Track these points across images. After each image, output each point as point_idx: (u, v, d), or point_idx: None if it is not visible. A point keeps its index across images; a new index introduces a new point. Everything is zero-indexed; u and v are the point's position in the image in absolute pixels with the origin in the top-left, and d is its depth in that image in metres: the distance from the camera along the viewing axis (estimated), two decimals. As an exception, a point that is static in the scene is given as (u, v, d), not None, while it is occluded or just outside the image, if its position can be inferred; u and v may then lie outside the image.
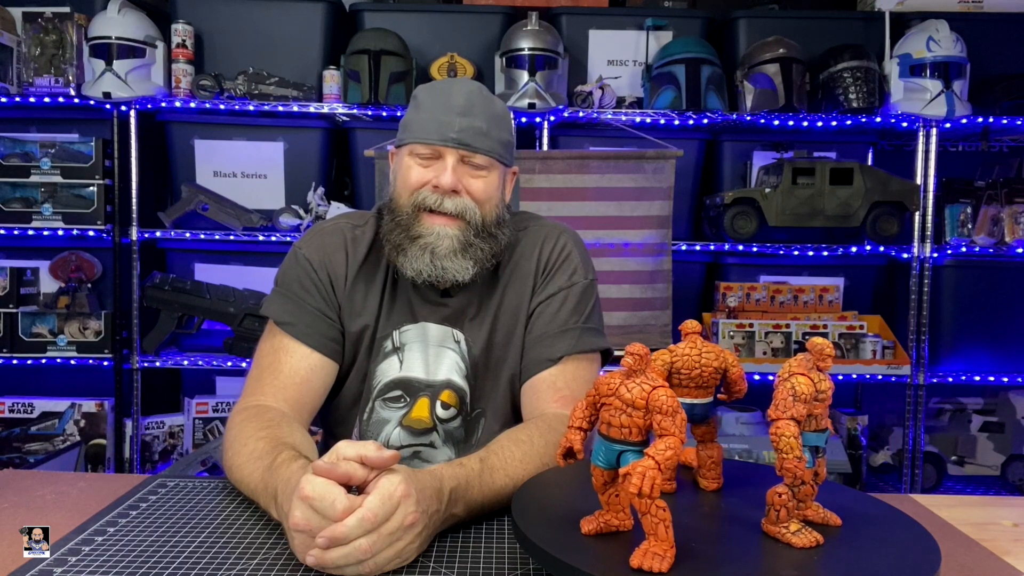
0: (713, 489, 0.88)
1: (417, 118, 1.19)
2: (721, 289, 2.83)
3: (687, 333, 0.88)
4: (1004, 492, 2.86)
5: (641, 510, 0.68)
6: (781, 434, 0.71)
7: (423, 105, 1.20)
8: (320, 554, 0.76)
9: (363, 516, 0.76)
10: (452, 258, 1.17)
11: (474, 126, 1.17)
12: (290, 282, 1.24)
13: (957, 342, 2.84)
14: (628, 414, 0.72)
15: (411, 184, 1.19)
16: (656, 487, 0.66)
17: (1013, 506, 1.10)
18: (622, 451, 0.73)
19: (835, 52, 2.73)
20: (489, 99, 1.22)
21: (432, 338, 1.24)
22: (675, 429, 0.69)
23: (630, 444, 0.72)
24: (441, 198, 1.17)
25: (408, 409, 1.23)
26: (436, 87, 1.22)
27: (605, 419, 0.74)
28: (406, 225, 1.19)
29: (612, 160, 2.65)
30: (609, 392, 0.73)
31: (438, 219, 1.18)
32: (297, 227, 2.72)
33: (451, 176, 1.16)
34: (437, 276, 1.18)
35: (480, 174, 1.20)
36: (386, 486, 0.79)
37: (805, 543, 0.73)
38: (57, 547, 0.84)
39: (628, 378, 0.73)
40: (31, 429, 2.72)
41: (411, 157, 1.20)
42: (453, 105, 1.17)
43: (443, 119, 1.16)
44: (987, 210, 2.76)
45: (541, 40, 2.69)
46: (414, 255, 1.17)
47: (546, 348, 1.21)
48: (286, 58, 2.80)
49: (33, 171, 2.64)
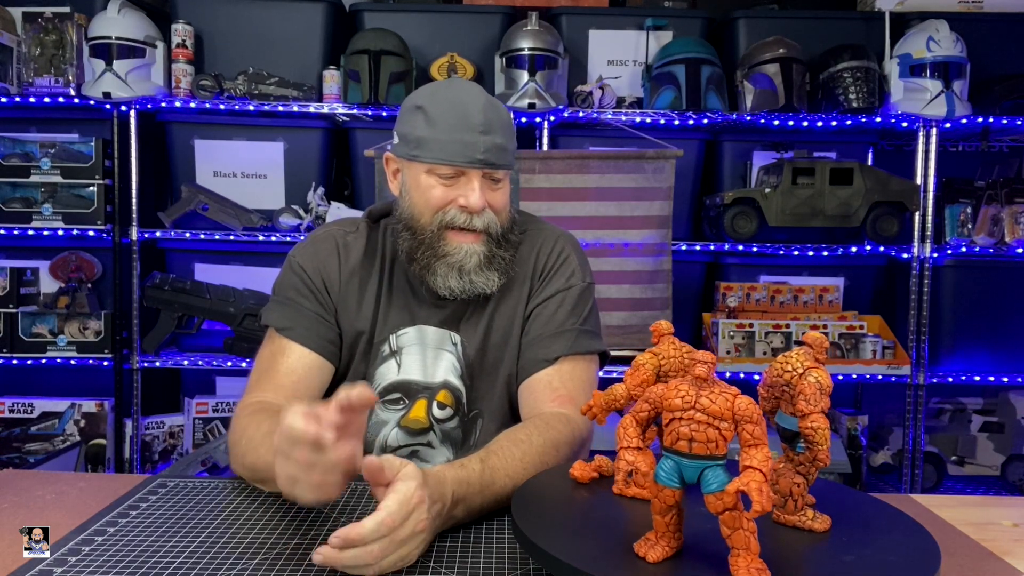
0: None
1: (434, 136, 1.16)
2: (721, 289, 2.83)
3: (663, 334, 0.86)
4: (1004, 492, 2.86)
5: (732, 526, 0.66)
6: (817, 427, 0.74)
7: (438, 122, 1.16)
8: (330, 554, 0.76)
9: (382, 520, 0.77)
10: (479, 272, 1.19)
11: (496, 144, 1.17)
12: (286, 289, 1.26)
13: (957, 342, 2.84)
14: (716, 427, 0.67)
15: (434, 204, 1.19)
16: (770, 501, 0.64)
17: (1013, 506, 1.10)
18: (705, 468, 0.68)
19: (835, 52, 2.73)
20: (498, 108, 1.20)
21: (429, 340, 1.25)
22: (764, 436, 0.67)
23: (715, 459, 0.68)
24: (470, 217, 1.18)
25: (406, 411, 1.24)
26: (446, 100, 1.18)
27: (684, 435, 0.68)
28: (431, 243, 1.19)
29: (612, 160, 2.65)
30: (685, 405, 0.68)
31: (465, 237, 1.19)
32: (297, 227, 2.72)
33: (480, 197, 1.17)
34: (468, 291, 1.20)
35: (499, 187, 1.22)
36: (404, 491, 0.79)
37: (824, 526, 0.76)
38: (57, 547, 0.84)
39: (702, 389, 0.69)
40: (31, 429, 2.72)
41: (431, 176, 1.18)
42: (473, 123, 1.15)
43: (467, 139, 1.15)
44: (987, 210, 2.76)
45: (541, 40, 2.69)
46: (444, 273, 1.19)
47: (543, 349, 1.22)
48: (286, 58, 2.80)
49: (33, 171, 2.63)
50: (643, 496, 0.83)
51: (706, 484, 0.67)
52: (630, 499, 0.84)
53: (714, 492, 0.66)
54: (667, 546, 0.70)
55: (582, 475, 0.89)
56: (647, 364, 0.84)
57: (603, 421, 0.86)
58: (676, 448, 0.68)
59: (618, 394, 0.83)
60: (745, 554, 0.66)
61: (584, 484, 0.89)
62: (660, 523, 0.70)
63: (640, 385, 0.82)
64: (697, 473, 0.68)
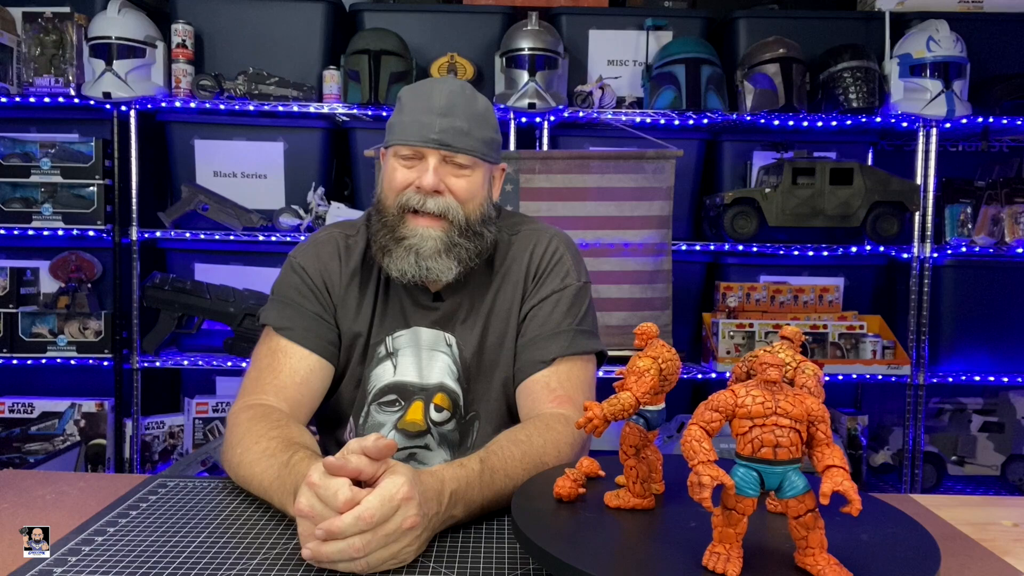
0: (661, 492, 0.87)
1: (400, 120, 1.20)
2: (721, 289, 2.83)
3: (653, 336, 0.84)
4: (1004, 492, 2.86)
5: (811, 527, 0.67)
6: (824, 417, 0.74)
7: (405, 107, 1.21)
8: (316, 547, 0.77)
9: (359, 514, 0.77)
10: (436, 258, 1.18)
11: (455, 126, 1.18)
12: (286, 289, 1.26)
13: (957, 342, 2.84)
14: (797, 430, 0.67)
15: (396, 185, 1.20)
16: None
17: (1013, 506, 1.10)
18: (786, 472, 0.67)
19: (835, 52, 2.73)
20: (471, 97, 1.22)
21: (424, 342, 1.25)
22: (831, 434, 0.68)
23: (796, 463, 0.67)
24: (424, 198, 1.18)
25: (402, 413, 1.24)
26: (418, 88, 1.22)
27: (769, 442, 0.66)
28: (391, 226, 1.20)
29: (612, 160, 2.65)
30: (767, 412, 0.67)
31: (422, 220, 1.19)
32: (297, 227, 2.72)
33: (432, 176, 1.17)
34: (421, 276, 1.19)
35: (463, 173, 1.20)
36: (388, 487, 0.79)
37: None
38: (57, 547, 0.84)
39: (775, 392, 0.68)
40: (31, 429, 2.72)
41: (396, 159, 1.21)
42: (433, 106, 1.18)
43: (424, 120, 1.17)
44: (987, 210, 2.76)
45: (541, 40, 2.69)
46: (399, 256, 1.19)
47: (539, 350, 1.22)
48: (286, 58, 2.80)
49: (33, 171, 2.63)
50: (638, 507, 0.83)
51: (791, 488, 0.66)
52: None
53: (798, 496, 0.66)
54: (739, 557, 0.68)
55: (568, 493, 0.85)
56: (651, 370, 0.80)
57: (600, 436, 0.81)
58: (760, 456, 0.66)
59: (627, 404, 0.78)
60: (821, 551, 0.67)
61: (583, 484, 0.89)
62: (731, 535, 0.68)
63: (649, 392, 0.79)
64: (780, 479, 0.67)
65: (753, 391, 0.67)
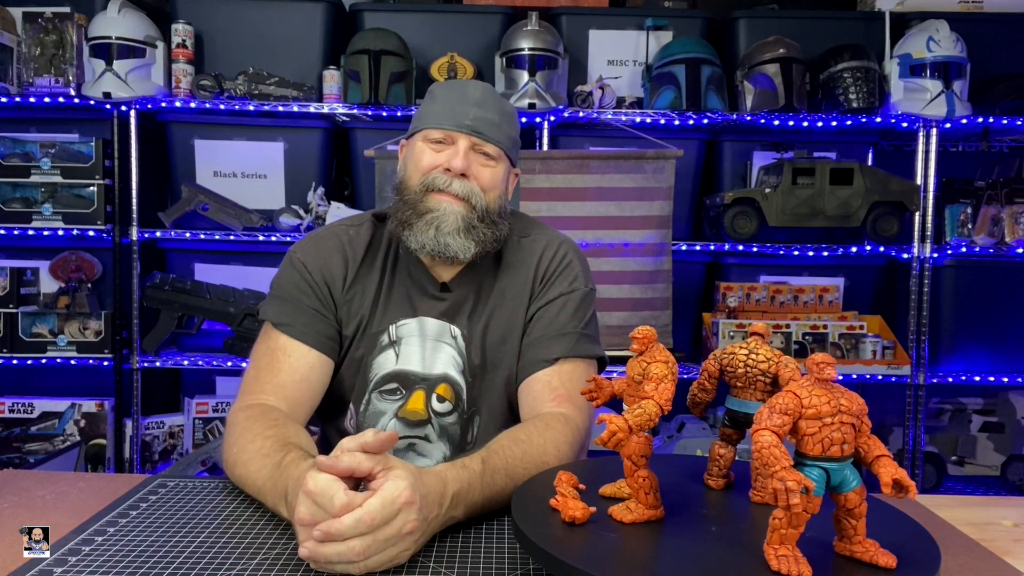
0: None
1: (432, 108, 1.25)
2: (721, 289, 2.83)
3: (652, 341, 0.82)
4: (1004, 492, 2.86)
5: (861, 516, 0.70)
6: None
7: (438, 97, 1.26)
8: (314, 547, 0.77)
9: (360, 517, 0.76)
10: (455, 236, 1.20)
11: (487, 117, 1.23)
12: (285, 285, 1.26)
13: (957, 342, 2.84)
14: (854, 426, 0.69)
15: (423, 166, 1.23)
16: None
17: (1013, 506, 1.10)
18: (844, 468, 0.69)
19: (835, 52, 2.73)
20: (501, 99, 1.28)
21: (429, 332, 1.26)
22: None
23: (852, 457, 0.69)
24: (450, 180, 1.21)
25: (404, 401, 1.24)
26: (452, 83, 1.30)
27: (837, 440, 0.67)
28: (413, 203, 1.23)
29: (612, 160, 2.65)
30: (833, 410, 0.68)
31: (445, 197, 1.22)
32: (297, 227, 2.72)
33: (463, 159, 1.21)
34: (440, 251, 1.21)
35: (489, 163, 1.25)
36: (390, 490, 0.79)
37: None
38: (57, 547, 0.84)
39: (830, 392, 0.69)
40: (31, 429, 2.72)
41: (424, 142, 1.24)
42: (468, 97, 1.23)
43: (458, 108, 1.23)
44: (987, 210, 2.76)
45: (541, 40, 2.69)
46: (419, 229, 1.21)
47: (543, 349, 1.22)
48: (286, 58, 2.80)
49: (33, 171, 2.64)
50: (652, 518, 0.80)
51: (853, 480, 0.69)
52: (627, 498, 0.84)
53: (856, 489, 0.69)
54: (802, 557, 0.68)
55: (583, 515, 0.78)
56: (668, 376, 0.79)
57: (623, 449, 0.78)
58: (829, 454, 0.68)
59: (652, 413, 0.76)
60: (864, 539, 0.70)
61: (583, 484, 0.89)
62: (794, 535, 0.68)
63: (670, 399, 0.78)
64: (841, 475, 0.69)
65: (815, 391, 0.68)
